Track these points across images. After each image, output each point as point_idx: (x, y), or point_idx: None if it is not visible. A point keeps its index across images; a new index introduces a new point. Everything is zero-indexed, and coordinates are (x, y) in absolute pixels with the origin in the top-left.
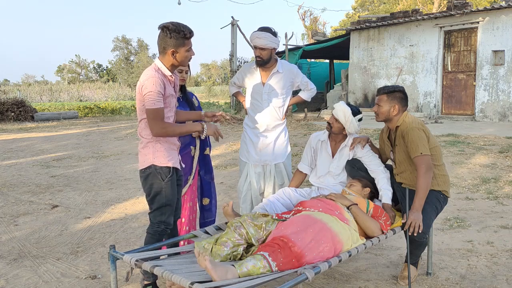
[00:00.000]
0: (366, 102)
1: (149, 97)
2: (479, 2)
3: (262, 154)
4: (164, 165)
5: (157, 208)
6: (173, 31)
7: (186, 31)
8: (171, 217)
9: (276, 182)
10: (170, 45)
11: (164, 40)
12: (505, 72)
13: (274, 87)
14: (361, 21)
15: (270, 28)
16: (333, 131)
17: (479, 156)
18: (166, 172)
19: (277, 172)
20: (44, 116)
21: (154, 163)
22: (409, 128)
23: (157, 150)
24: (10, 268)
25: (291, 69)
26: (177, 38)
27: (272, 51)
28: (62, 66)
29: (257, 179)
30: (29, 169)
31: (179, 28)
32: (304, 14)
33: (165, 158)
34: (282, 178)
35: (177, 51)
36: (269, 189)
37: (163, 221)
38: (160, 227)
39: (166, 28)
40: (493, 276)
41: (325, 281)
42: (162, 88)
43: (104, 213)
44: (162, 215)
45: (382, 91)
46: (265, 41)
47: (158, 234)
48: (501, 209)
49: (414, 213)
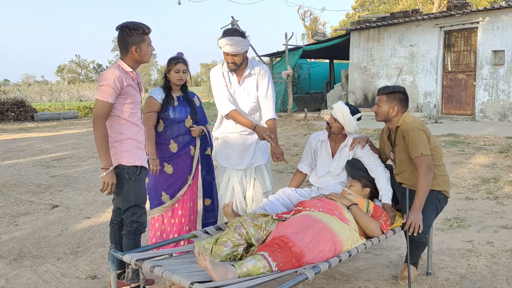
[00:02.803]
0: (366, 102)
1: (101, 89)
2: (479, 2)
3: (243, 157)
4: (131, 165)
5: (128, 208)
6: (132, 29)
7: (145, 27)
8: (144, 215)
9: (256, 184)
10: (132, 43)
11: (124, 39)
12: (505, 72)
13: (249, 90)
14: (361, 21)
15: (238, 31)
16: (332, 131)
17: (479, 156)
18: (133, 171)
19: (258, 175)
20: (44, 116)
21: (121, 163)
22: (409, 128)
23: (123, 150)
24: (10, 268)
25: (260, 69)
26: (137, 35)
27: (245, 54)
28: (62, 66)
29: (241, 182)
30: (29, 169)
31: (137, 25)
32: (304, 14)
33: (132, 158)
34: (264, 180)
35: (139, 47)
36: (249, 192)
37: (135, 221)
38: (133, 227)
39: (125, 28)
40: (493, 276)
41: (325, 281)
42: (119, 82)
43: (104, 213)
44: (134, 215)
45: (382, 91)
46: (237, 47)
47: (133, 233)
48: (501, 209)
49: (414, 213)
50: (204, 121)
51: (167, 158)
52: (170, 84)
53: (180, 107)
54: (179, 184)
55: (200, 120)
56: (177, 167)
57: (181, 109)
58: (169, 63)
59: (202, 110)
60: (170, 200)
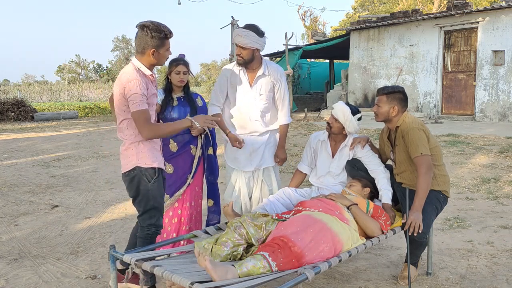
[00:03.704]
0: (366, 102)
1: (134, 99)
2: (479, 2)
3: (252, 159)
4: (149, 166)
5: (146, 211)
6: (154, 31)
7: (167, 31)
8: (161, 218)
9: (263, 186)
10: (151, 45)
11: (144, 40)
12: (505, 72)
13: (261, 91)
14: (361, 21)
15: (256, 27)
16: (333, 131)
17: (479, 156)
18: (152, 173)
19: (266, 176)
20: (44, 116)
21: (139, 165)
22: (409, 128)
23: (140, 151)
24: (10, 268)
25: (276, 70)
26: (158, 38)
27: (255, 52)
28: (62, 66)
29: (248, 183)
30: (29, 169)
31: (160, 28)
32: (304, 14)
33: (149, 159)
34: (271, 182)
35: (157, 51)
36: (256, 193)
37: (153, 224)
38: (151, 230)
39: (147, 28)
40: (493, 276)
41: (325, 281)
42: (145, 89)
43: (104, 213)
44: (152, 218)
45: (382, 91)
46: (246, 39)
47: (150, 237)
48: (501, 209)
49: (414, 213)
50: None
51: (167, 157)
52: (172, 85)
53: (179, 107)
54: (179, 184)
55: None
56: (177, 166)
57: (180, 109)
58: (170, 65)
59: (206, 110)
60: (170, 199)
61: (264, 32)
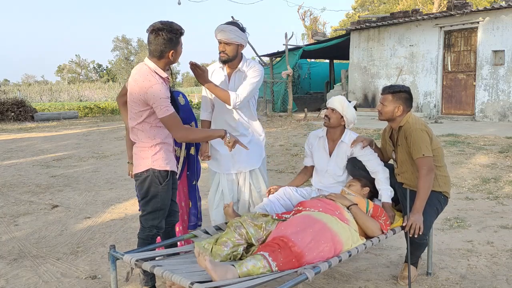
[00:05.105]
0: (366, 102)
1: (161, 104)
2: (479, 2)
3: (234, 162)
4: (162, 169)
5: (150, 212)
6: (169, 33)
7: (181, 29)
8: (163, 221)
9: (252, 189)
10: (169, 48)
11: (161, 44)
12: (505, 72)
13: (237, 85)
14: (361, 21)
15: (238, 23)
16: (331, 122)
17: (479, 156)
18: (164, 176)
19: (253, 179)
20: (44, 116)
21: (153, 167)
22: (412, 129)
23: (155, 153)
24: (10, 268)
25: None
26: (175, 38)
27: (239, 48)
28: (62, 66)
29: (230, 187)
30: (29, 169)
31: (173, 28)
32: (304, 14)
33: (164, 161)
34: (259, 185)
35: (176, 50)
36: (245, 197)
37: (155, 226)
38: (152, 231)
39: (161, 31)
40: (493, 276)
41: (325, 281)
42: (167, 91)
43: (104, 213)
44: (155, 219)
45: (388, 90)
46: (231, 34)
47: (151, 238)
48: (501, 209)
49: (415, 215)
50: (188, 120)
51: None
52: None
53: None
54: None
55: (183, 119)
56: None
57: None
58: None
59: (188, 108)
60: None
61: (245, 28)
